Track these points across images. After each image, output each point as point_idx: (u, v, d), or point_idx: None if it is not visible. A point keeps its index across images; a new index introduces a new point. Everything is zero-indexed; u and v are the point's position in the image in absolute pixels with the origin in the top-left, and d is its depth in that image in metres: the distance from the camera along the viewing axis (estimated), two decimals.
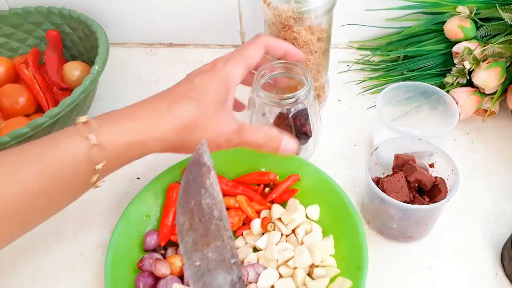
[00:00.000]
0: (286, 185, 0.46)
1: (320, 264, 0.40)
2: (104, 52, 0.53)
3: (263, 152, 0.39)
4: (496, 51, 0.52)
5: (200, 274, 0.22)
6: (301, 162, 0.47)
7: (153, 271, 0.39)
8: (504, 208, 0.47)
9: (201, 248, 0.22)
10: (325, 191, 0.44)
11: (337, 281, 0.39)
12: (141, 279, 0.40)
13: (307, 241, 0.42)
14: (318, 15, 0.48)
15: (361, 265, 0.38)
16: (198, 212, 0.22)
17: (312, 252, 0.40)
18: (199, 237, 0.22)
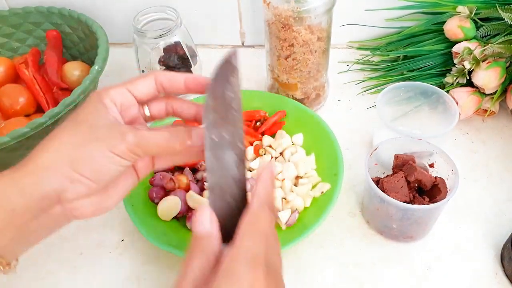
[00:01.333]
0: (274, 119, 0.52)
1: (304, 176, 0.47)
2: (104, 52, 0.53)
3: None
4: (496, 51, 0.52)
5: (214, 146, 0.27)
6: (286, 100, 0.54)
7: (163, 184, 0.45)
8: (504, 208, 0.46)
9: (218, 127, 0.27)
10: (307, 121, 0.51)
11: (318, 186, 0.46)
12: (154, 191, 0.46)
13: (293, 159, 0.49)
14: (318, 14, 0.48)
15: (337, 171, 0.45)
16: (220, 100, 0.27)
17: (297, 166, 0.47)
18: (218, 118, 0.27)
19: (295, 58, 0.51)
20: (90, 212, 0.31)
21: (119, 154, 0.29)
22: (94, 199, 0.30)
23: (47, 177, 0.28)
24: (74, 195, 0.29)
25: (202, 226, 0.27)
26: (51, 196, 0.28)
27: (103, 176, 0.30)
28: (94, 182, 0.29)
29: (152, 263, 0.44)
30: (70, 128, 0.30)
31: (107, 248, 0.46)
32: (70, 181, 0.28)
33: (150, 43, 0.55)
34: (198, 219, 0.28)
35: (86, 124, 0.30)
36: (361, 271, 0.42)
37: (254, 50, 0.69)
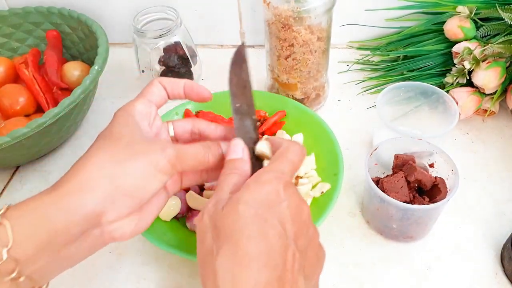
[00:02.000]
0: (274, 119, 0.52)
1: (304, 175, 0.47)
2: (104, 52, 0.53)
3: None
4: (496, 51, 0.52)
5: (237, 111, 0.33)
6: (286, 100, 0.54)
7: None
8: (504, 208, 0.46)
9: (239, 98, 0.33)
10: (307, 121, 0.51)
11: (318, 186, 0.46)
12: None
13: None
14: (318, 14, 0.48)
15: (337, 171, 0.45)
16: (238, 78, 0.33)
17: None
18: (238, 91, 0.33)
19: (295, 58, 0.51)
20: (129, 233, 0.30)
21: (161, 170, 0.29)
22: (132, 220, 0.30)
23: (90, 197, 0.28)
24: (115, 216, 0.29)
25: (235, 154, 0.31)
26: (93, 217, 0.28)
27: (144, 193, 0.29)
28: (134, 200, 0.29)
29: (152, 263, 0.44)
30: (107, 146, 0.30)
31: (107, 248, 0.45)
32: (112, 202, 0.28)
33: (150, 43, 0.55)
34: (231, 149, 0.32)
35: (124, 141, 0.30)
36: (361, 271, 0.42)
37: (254, 50, 0.69)
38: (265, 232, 0.26)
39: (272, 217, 0.26)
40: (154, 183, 0.30)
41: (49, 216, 0.27)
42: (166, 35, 0.54)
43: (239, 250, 0.25)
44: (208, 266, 0.26)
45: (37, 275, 0.28)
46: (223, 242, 0.26)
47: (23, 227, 0.27)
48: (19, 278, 0.27)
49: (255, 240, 0.25)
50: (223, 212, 0.27)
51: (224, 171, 0.30)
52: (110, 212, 0.28)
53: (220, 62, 0.67)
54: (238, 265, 0.25)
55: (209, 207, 0.28)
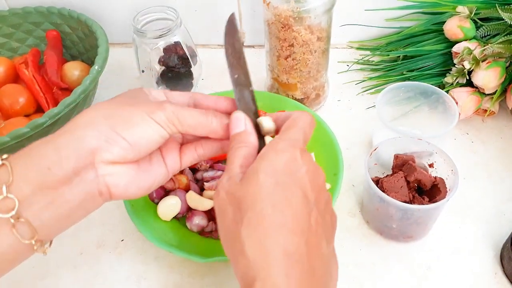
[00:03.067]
0: None
1: None
2: (104, 52, 0.53)
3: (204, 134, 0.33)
4: (495, 51, 0.52)
5: (237, 83, 0.33)
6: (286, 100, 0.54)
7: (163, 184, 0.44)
8: (503, 208, 0.47)
9: (236, 69, 0.33)
10: None
11: None
12: (154, 191, 0.45)
13: None
14: (318, 14, 0.48)
15: (337, 171, 0.45)
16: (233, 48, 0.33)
17: None
18: (234, 62, 0.33)
19: (295, 58, 0.51)
20: (123, 185, 0.30)
21: (157, 120, 0.29)
22: (129, 169, 0.30)
23: (83, 133, 0.28)
24: (109, 156, 0.28)
25: (238, 127, 0.31)
26: (85, 153, 0.28)
27: (140, 140, 0.29)
28: (130, 145, 0.29)
29: (152, 263, 0.44)
30: (113, 98, 0.31)
31: (107, 248, 0.46)
32: (105, 139, 0.28)
33: (150, 43, 0.55)
34: (234, 122, 0.31)
35: (126, 96, 0.32)
36: (361, 271, 0.42)
37: (254, 50, 0.69)
38: (288, 199, 0.26)
39: (294, 184, 0.27)
40: (147, 130, 0.29)
41: (42, 154, 0.28)
42: (166, 35, 0.54)
43: (264, 219, 0.25)
44: (234, 237, 0.26)
45: (37, 222, 0.27)
46: (246, 211, 0.26)
47: (21, 166, 0.27)
48: (19, 219, 0.27)
49: (280, 207, 0.26)
50: (242, 184, 0.27)
51: (231, 146, 0.30)
52: (104, 152, 0.28)
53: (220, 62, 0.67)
54: (264, 233, 0.25)
55: (223, 183, 0.28)
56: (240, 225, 0.26)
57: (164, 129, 0.30)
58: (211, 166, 0.49)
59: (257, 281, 0.24)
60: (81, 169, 0.28)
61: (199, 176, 0.48)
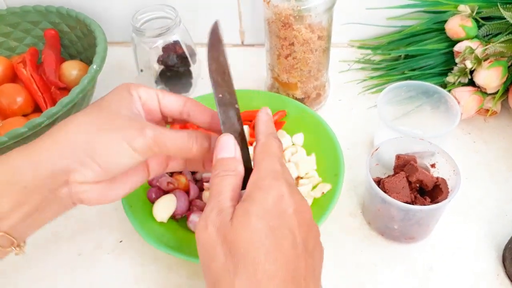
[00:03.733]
0: (274, 119, 0.50)
1: (305, 176, 0.47)
2: (102, 51, 0.52)
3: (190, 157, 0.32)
4: (497, 50, 0.51)
5: (221, 103, 0.31)
6: (286, 100, 0.53)
7: (159, 185, 0.45)
8: (506, 208, 0.46)
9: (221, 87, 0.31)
10: (308, 121, 0.51)
11: (319, 186, 0.45)
12: (153, 191, 0.45)
13: (293, 159, 0.48)
14: (318, 13, 0.47)
15: (338, 172, 0.44)
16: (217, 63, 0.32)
17: (297, 166, 0.47)
18: (219, 79, 0.31)
19: (295, 57, 0.51)
20: (95, 199, 0.31)
21: (134, 148, 0.29)
22: (101, 187, 0.31)
23: (59, 156, 0.29)
24: (81, 178, 0.29)
25: (227, 152, 0.30)
26: (60, 174, 0.29)
27: (114, 166, 0.30)
28: (104, 170, 0.29)
29: (150, 264, 0.44)
30: (92, 112, 0.30)
31: (105, 249, 0.45)
32: (80, 164, 0.29)
33: (149, 42, 0.54)
34: (222, 145, 0.30)
35: (108, 111, 0.30)
36: (362, 272, 0.42)
37: (254, 49, 0.69)
38: (280, 244, 0.26)
39: (283, 226, 0.26)
40: (124, 158, 0.29)
41: (20, 172, 0.28)
42: (165, 34, 0.54)
43: (258, 269, 0.25)
44: (224, 284, 0.25)
45: (15, 232, 0.29)
46: (240, 260, 0.25)
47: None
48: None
49: (272, 256, 0.25)
50: (233, 226, 0.26)
51: (217, 172, 0.29)
52: (78, 173, 0.29)
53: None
54: (258, 285, 0.25)
55: (212, 217, 0.27)
56: (233, 275, 0.25)
57: (142, 155, 0.30)
58: None
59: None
60: (56, 188, 0.29)
61: (198, 176, 0.48)
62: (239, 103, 0.32)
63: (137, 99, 0.32)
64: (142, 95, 0.32)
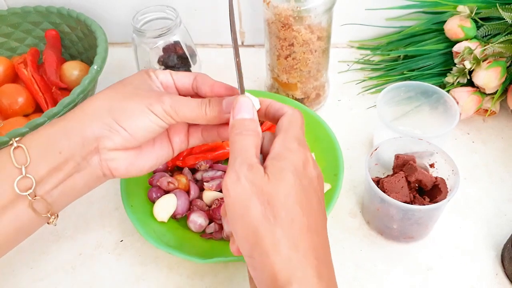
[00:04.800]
0: None
1: None
2: (103, 51, 0.53)
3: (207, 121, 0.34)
4: (496, 50, 0.51)
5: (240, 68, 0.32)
6: (286, 100, 0.53)
7: (160, 184, 0.46)
8: (504, 208, 0.46)
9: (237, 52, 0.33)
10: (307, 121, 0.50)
11: None
12: (153, 191, 0.46)
13: None
14: (318, 14, 0.47)
15: (337, 172, 0.45)
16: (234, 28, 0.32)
17: None
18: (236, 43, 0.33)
19: (295, 57, 0.51)
20: (124, 168, 0.33)
21: (155, 112, 0.32)
22: (130, 155, 0.33)
23: (89, 123, 0.31)
24: (111, 144, 0.32)
25: (246, 113, 0.31)
26: (91, 141, 0.31)
27: (139, 130, 0.32)
28: (130, 135, 0.32)
29: (151, 264, 0.44)
30: (116, 86, 0.34)
31: (106, 248, 0.45)
32: (108, 129, 0.31)
33: (149, 42, 0.54)
34: (241, 105, 0.31)
35: (131, 86, 0.33)
36: (362, 271, 0.42)
37: (254, 49, 0.69)
38: (311, 201, 0.28)
39: (311, 187, 0.29)
40: (147, 123, 0.32)
41: (55, 140, 0.31)
42: (165, 35, 0.54)
43: (296, 220, 0.27)
44: (264, 234, 0.26)
45: (50, 198, 0.32)
46: (280, 210, 0.27)
47: (35, 149, 0.31)
48: (35, 197, 0.31)
49: (306, 210, 0.28)
50: (270, 180, 0.27)
51: (239, 131, 0.30)
52: (107, 140, 0.31)
53: (220, 61, 0.67)
54: (298, 235, 0.27)
55: (244, 171, 0.27)
56: (273, 223, 0.26)
57: (162, 120, 0.32)
58: (211, 166, 0.49)
59: (294, 282, 0.26)
60: (87, 154, 0.32)
61: (198, 176, 0.48)
62: None
63: (155, 78, 0.35)
64: (159, 76, 0.35)
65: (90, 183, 0.33)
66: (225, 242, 0.43)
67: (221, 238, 0.43)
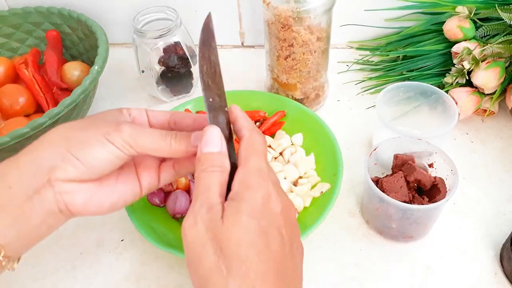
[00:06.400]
0: (273, 119, 0.52)
1: (304, 175, 0.48)
2: (103, 52, 0.53)
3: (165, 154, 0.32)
4: (495, 51, 0.52)
5: (211, 108, 0.30)
6: (285, 100, 0.54)
7: None
8: (503, 208, 0.47)
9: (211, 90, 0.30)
10: (307, 121, 0.51)
11: (318, 185, 0.46)
12: (154, 193, 0.45)
13: (292, 159, 0.49)
14: (318, 14, 0.48)
15: (337, 171, 0.45)
16: (208, 63, 0.30)
17: (296, 166, 0.48)
18: (210, 79, 0.30)
19: (294, 58, 0.51)
20: (81, 203, 0.30)
21: (112, 142, 0.29)
22: (87, 187, 0.31)
23: (42, 153, 0.29)
24: (64, 175, 0.29)
25: (213, 146, 0.29)
26: (43, 171, 0.29)
27: (94, 161, 0.30)
28: (85, 166, 0.29)
29: (151, 263, 0.44)
30: (78, 120, 0.32)
31: (107, 248, 0.46)
32: (61, 159, 0.29)
33: (150, 43, 0.55)
34: (208, 138, 0.29)
35: (93, 118, 0.32)
36: (361, 271, 0.42)
37: (253, 50, 0.69)
38: (270, 244, 0.26)
39: (272, 226, 0.27)
40: (101, 152, 0.29)
41: (4, 173, 0.29)
42: (166, 35, 0.54)
43: (251, 269, 0.25)
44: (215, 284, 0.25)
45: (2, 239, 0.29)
46: (233, 259, 0.25)
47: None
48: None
49: (264, 255, 0.25)
50: (224, 224, 0.26)
51: (204, 167, 0.28)
52: (59, 170, 0.29)
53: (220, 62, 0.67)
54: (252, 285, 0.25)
55: (202, 214, 0.26)
56: (226, 274, 0.25)
57: (121, 150, 0.30)
58: None
59: None
60: (40, 187, 0.29)
61: None
62: (239, 104, 0.32)
63: (127, 115, 0.33)
64: (132, 112, 0.33)
65: (46, 220, 0.30)
66: None
67: None
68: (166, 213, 0.45)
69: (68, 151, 0.29)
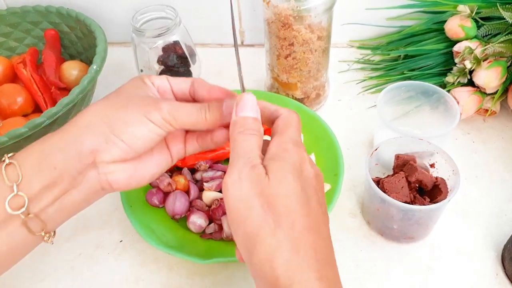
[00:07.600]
0: None
1: None
2: (102, 51, 0.52)
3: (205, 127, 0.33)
4: (497, 50, 0.51)
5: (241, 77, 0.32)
6: (286, 100, 0.53)
7: (159, 185, 0.45)
8: (505, 208, 0.46)
9: None
10: (307, 121, 0.50)
11: None
12: (153, 193, 0.45)
13: None
14: (318, 13, 0.47)
15: (338, 172, 0.45)
16: None
17: None
18: None
19: (295, 57, 0.51)
20: (123, 181, 0.32)
21: (153, 121, 0.30)
22: (129, 166, 0.32)
23: (84, 136, 0.30)
24: (109, 157, 0.30)
25: (251, 111, 0.30)
26: (87, 154, 0.30)
27: (137, 141, 0.30)
28: (129, 146, 0.30)
29: (150, 264, 0.44)
30: (111, 96, 0.32)
31: (106, 249, 0.45)
32: (105, 141, 0.30)
33: (149, 42, 0.54)
34: (245, 103, 0.30)
35: (125, 94, 0.32)
36: (362, 272, 0.42)
37: (253, 49, 0.69)
38: (310, 201, 0.28)
39: (310, 186, 0.28)
40: (145, 133, 0.30)
41: (50, 155, 0.30)
42: (165, 34, 0.54)
43: (296, 221, 0.26)
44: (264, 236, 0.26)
45: (45, 215, 0.30)
46: (280, 212, 0.26)
47: (28, 165, 0.29)
48: (28, 215, 0.29)
49: (306, 210, 0.27)
50: (271, 181, 0.27)
51: (241, 129, 0.29)
52: (104, 152, 0.30)
53: (220, 61, 0.67)
54: (299, 237, 0.26)
55: (246, 171, 0.27)
56: (274, 226, 0.26)
57: (161, 128, 0.31)
58: (211, 166, 0.48)
59: (294, 286, 0.25)
60: (84, 169, 0.30)
61: (198, 176, 0.48)
62: None
63: (151, 85, 0.33)
64: (155, 81, 0.34)
65: (88, 198, 0.31)
66: (225, 242, 0.43)
67: (220, 239, 0.43)
68: (165, 214, 0.45)
69: (112, 132, 0.30)
